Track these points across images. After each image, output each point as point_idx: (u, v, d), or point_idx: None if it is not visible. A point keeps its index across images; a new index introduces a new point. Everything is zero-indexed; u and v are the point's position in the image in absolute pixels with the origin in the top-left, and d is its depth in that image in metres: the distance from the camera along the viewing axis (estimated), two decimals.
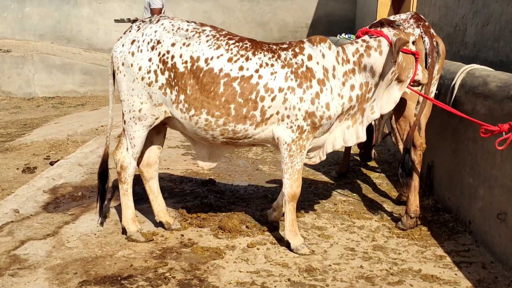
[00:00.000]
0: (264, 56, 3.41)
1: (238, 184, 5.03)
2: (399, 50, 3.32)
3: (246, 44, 3.44)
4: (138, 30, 3.52)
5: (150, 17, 3.55)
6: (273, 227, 3.95)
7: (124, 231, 3.76)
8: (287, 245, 3.62)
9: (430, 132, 4.36)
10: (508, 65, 4.93)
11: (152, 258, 3.46)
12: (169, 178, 5.14)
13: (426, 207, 4.41)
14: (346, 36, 10.99)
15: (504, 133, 3.11)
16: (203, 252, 3.55)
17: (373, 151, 5.40)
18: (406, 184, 3.94)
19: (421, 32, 3.87)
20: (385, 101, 3.59)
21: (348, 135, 3.62)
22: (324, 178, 5.28)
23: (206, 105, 3.37)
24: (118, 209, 4.25)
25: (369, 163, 5.71)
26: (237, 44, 3.42)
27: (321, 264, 3.41)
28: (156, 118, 3.54)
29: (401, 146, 4.06)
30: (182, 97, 3.39)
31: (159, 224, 3.94)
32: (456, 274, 3.30)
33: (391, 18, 4.36)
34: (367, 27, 3.68)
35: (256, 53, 3.40)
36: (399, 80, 3.54)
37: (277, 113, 3.40)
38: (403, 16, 4.22)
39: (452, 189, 4.19)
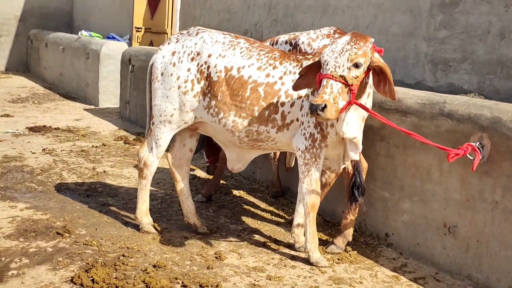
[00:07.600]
0: (290, 64, 3.57)
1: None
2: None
3: (275, 54, 3.63)
4: (177, 42, 3.76)
5: (188, 29, 3.81)
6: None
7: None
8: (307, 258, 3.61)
9: None
10: None
11: None
12: None
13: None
14: (86, 33, 9.88)
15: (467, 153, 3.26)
16: None
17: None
18: (362, 204, 3.75)
19: None
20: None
21: (353, 147, 3.45)
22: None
23: (234, 108, 3.57)
24: None
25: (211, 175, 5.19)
26: (267, 54, 3.62)
27: None
28: (185, 123, 3.77)
29: None
30: (213, 102, 3.62)
31: (186, 226, 4.02)
32: None
33: (312, 32, 4.10)
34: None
35: (283, 62, 3.59)
36: None
37: (297, 119, 3.51)
38: (324, 31, 4.02)
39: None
